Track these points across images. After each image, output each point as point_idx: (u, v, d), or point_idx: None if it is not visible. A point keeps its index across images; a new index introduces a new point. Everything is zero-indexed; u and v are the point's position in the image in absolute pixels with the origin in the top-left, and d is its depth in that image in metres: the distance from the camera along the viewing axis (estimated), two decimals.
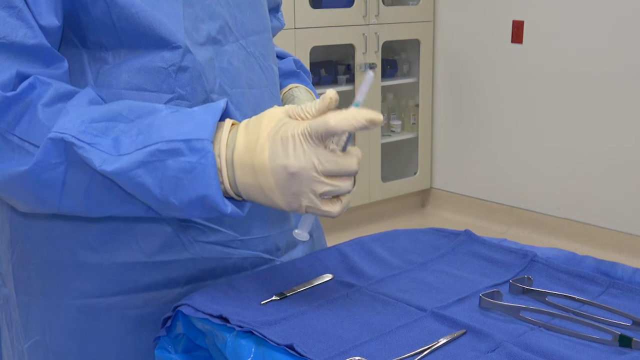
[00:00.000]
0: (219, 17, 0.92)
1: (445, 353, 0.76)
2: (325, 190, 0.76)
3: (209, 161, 0.75)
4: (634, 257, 3.34)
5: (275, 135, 0.75)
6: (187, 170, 0.75)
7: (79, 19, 0.85)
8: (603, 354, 0.76)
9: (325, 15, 3.55)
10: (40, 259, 0.93)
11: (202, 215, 0.79)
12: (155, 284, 0.94)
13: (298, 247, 1.09)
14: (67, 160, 0.77)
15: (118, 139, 0.76)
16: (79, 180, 0.78)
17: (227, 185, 0.78)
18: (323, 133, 0.74)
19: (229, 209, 0.77)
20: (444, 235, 1.11)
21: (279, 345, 0.76)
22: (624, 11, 3.23)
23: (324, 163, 0.75)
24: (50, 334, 0.95)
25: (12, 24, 0.78)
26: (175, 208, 0.78)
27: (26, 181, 0.77)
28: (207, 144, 0.75)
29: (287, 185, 0.75)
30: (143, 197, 0.78)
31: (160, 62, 0.87)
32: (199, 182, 0.75)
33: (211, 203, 0.76)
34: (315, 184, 0.75)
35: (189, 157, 0.75)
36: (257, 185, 0.76)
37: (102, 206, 0.81)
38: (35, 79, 0.78)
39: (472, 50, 3.89)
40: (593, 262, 0.99)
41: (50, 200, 0.79)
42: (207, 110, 0.78)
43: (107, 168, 0.75)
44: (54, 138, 0.75)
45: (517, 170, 3.79)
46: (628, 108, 3.29)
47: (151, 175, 0.76)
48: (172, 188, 0.76)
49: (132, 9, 0.84)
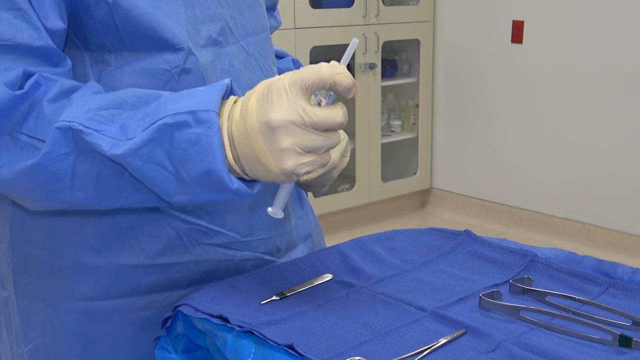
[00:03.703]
0: (219, 19, 0.92)
1: (445, 353, 0.76)
2: (312, 145, 0.73)
3: (214, 132, 0.73)
4: (634, 257, 3.34)
5: (261, 93, 0.74)
6: (194, 141, 0.73)
7: (81, 21, 0.85)
8: (603, 354, 0.76)
9: (325, 15, 3.55)
10: (41, 261, 0.93)
11: (211, 196, 0.77)
12: (157, 286, 0.93)
13: (298, 247, 1.09)
14: (75, 150, 0.76)
15: (125, 125, 0.76)
16: (88, 170, 0.77)
17: (230, 159, 0.75)
18: (314, 82, 0.73)
19: (235, 185, 0.74)
20: (444, 235, 1.11)
21: (279, 345, 0.76)
22: (624, 11, 3.23)
23: (309, 113, 0.72)
24: (52, 337, 0.95)
25: (18, 25, 0.78)
26: (187, 185, 0.76)
27: (36, 174, 0.76)
28: (213, 115, 0.73)
29: (274, 141, 0.72)
30: (155, 178, 0.76)
31: (163, 64, 0.87)
32: (205, 155, 0.73)
33: (217, 178, 0.74)
34: (301, 136, 0.72)
35: (195, 128, 0.73)
36: (252, 152, 0.74)
37: (112, 196, 0.80)
38: (40, 77, 0.78)
39: (472, 50, 3.89)
40: (593, 262, 0.99)
41: (61, 192, 0.78)
42: (212, 87, 0.77)
43: (116, 151, 0.74)
44: (62, 127, 0.75)
45: (517, 170, 3.79)
46: (628, 108, 3.29)
47: (161, 149, 0.74)
48: (181, 160, 0.74)
49: (134, 12, 0.84)
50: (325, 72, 0.73)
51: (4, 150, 0.77)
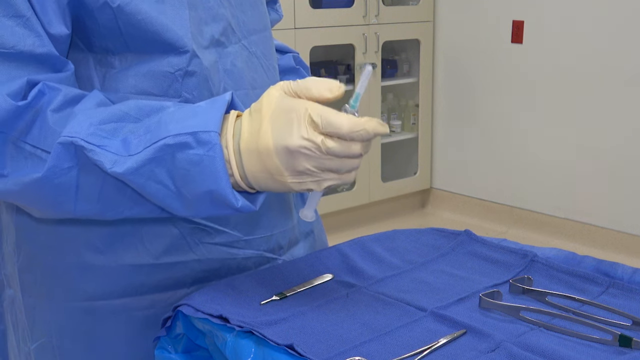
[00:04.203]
0: (221, 19, 0.92)
1: (445, 353, 0.76)
2: (330, 167, 0.74)
3: (217, 153, 0.74)
4: (634, 257, 3.34)
5: (276, 117, 0.74)
6: (195, 162, 0.74)
7: (85, 25, 0.85)
8: (603, 354, 0.76)
9: (325, 15, 3.55)
10: (46, 261, 0.93)
11: (213, 212, 0.78)
12: (161, 285, 0.94)
13: (300, 244, 1.10)
14: (78, 164, 0.76)
15: (127, 140, 0.76)
16: (91, 183, 0.78)
17: (237, 177, 0.76)
18: (332, 133, 0.73)
19: (240, 203, 0.75)
20: (444, 235, 1.11)
21: (279, 345, 0.76)
22: (624, 11, 3.23)
23: (328, 145, 0.73)
24: (57, 335, 0.95)
25: (20, 33, 0.78)
26: (189, 203, 0.77)
27: (41, 188, 0.77)
28: (214, 136, 0.74)
29: (293, 165, 0.74)
30: (157, 195, 0.77)
31: (167, 66, 0.87)
32: (207, 175, 0.74)
33: (220, 197, 0.75)
34: (319, 161, 0.74)
35: (196, 149, 0.74)
36: (265, 170, 0.75)
37: (116, 208, 0.81)
38: (44, 85, 0.78)
39: (472, 50, 3.89)
40: (593, 262, 0.99)
41: (66, 204, 0.79)
42: (213, 104, 0.77)
43: (118, 169, 0.75)
44: (64, 142, 0.75)
45: (517, 170, 3.79)
46: (628, 108, 3.29)
47: (162, 168, 0.75)
48: (183, 180, 0.75)
49: (138, 16, 0.84)
50: (345, 129, 0.73)
51: (8, 159, 0.78)
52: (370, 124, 0.74)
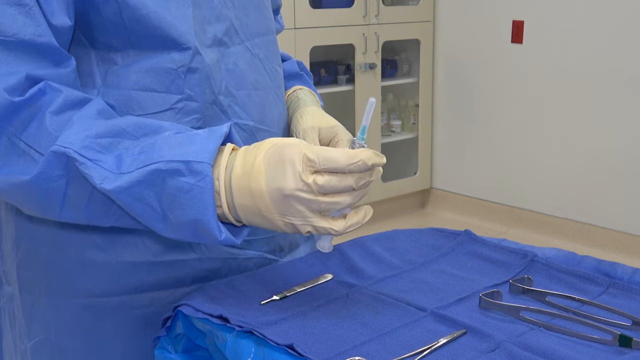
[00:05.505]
0: (225, 19, 0.93)
1: (445, 353, 0.76)
2: (323, 208, 0.76)
3: (207, 185, 0.75)
4: (634, 257, 3.34)
5: (270, 155, 0.76)
6: (185, 190, 0.75)
7: (90, 19, 0.85)
8: (603, 354, 0.76)
9: (325, 15, 3.55)
10: (46, 258, 0.93)
11: (195, 239, 0.79)
12: (161, 283, 0.94)
13: (300, 247, 1.10)
14: (68, 174, 0.77)
15: (120, 157, 0.77)
16: (79, 193, 0.78)
17: (225, 208, 0.78)
18: (330, 168, 0.74)
19: (223, 236, 0.76)
20: (444, 235, 1.11)
21: (279, 345, 0.76)
22: (624, 11, 3.23)
23: (319, 182, 0.74)
24: (55, 333, 0.95)
25: (22, 21, 0.78)
26: (173, 226, 0.78)
27: (28, 190, 0.78)
28: (207, 168, 0.75)
29: (285, 207, 0.75)
30: (142, 215, 0.78)
31: (170, 63, 0.87)
32: (195, 204, 0.75)
33: (205, 228, 0.76)
34: (312, 204, 0.75)
35: (188, 177, 0.75)
36: (255, 207, 0.76)
37: (103, 218, 0.81)
38: (46, 85, 0.78)
39: (472, 50, 3.89)
40: (593, 262, 0.99)
41: (51, 209, 0.80)
42: (211, 134, 0.78)
43: (106, 186, 0.75)
44: (57, 152, 0.75)
45: (517, 170, 3.79)
46: (628, 108, 3.29)
47: (151, 191, 0.76)
48: (170, 205, 0.76)
49: (142, 10, 0.84)
50: (342, 163, 0.74)
51: (1, 153, 0.78)
52: (366, 154, 0.75)
